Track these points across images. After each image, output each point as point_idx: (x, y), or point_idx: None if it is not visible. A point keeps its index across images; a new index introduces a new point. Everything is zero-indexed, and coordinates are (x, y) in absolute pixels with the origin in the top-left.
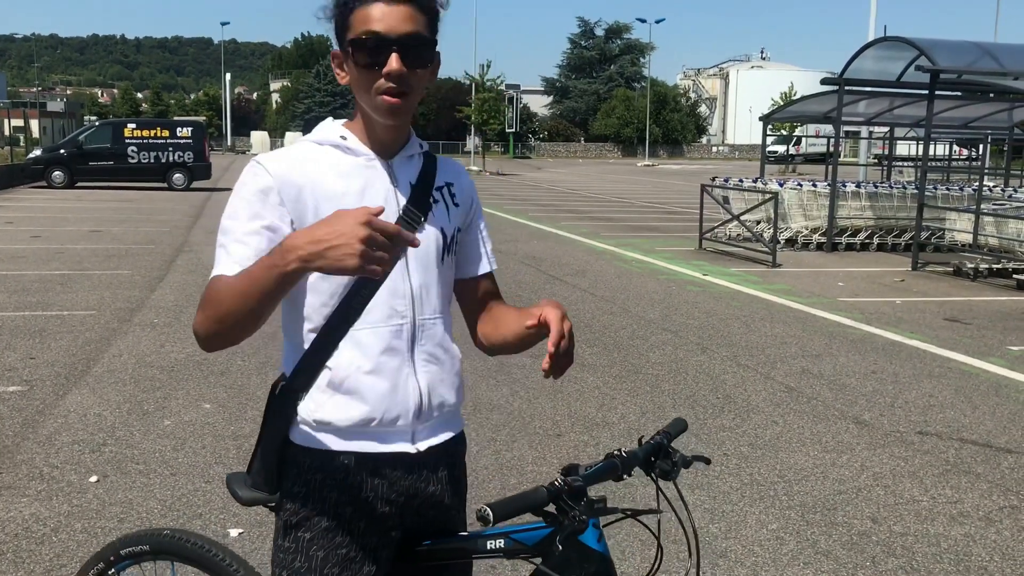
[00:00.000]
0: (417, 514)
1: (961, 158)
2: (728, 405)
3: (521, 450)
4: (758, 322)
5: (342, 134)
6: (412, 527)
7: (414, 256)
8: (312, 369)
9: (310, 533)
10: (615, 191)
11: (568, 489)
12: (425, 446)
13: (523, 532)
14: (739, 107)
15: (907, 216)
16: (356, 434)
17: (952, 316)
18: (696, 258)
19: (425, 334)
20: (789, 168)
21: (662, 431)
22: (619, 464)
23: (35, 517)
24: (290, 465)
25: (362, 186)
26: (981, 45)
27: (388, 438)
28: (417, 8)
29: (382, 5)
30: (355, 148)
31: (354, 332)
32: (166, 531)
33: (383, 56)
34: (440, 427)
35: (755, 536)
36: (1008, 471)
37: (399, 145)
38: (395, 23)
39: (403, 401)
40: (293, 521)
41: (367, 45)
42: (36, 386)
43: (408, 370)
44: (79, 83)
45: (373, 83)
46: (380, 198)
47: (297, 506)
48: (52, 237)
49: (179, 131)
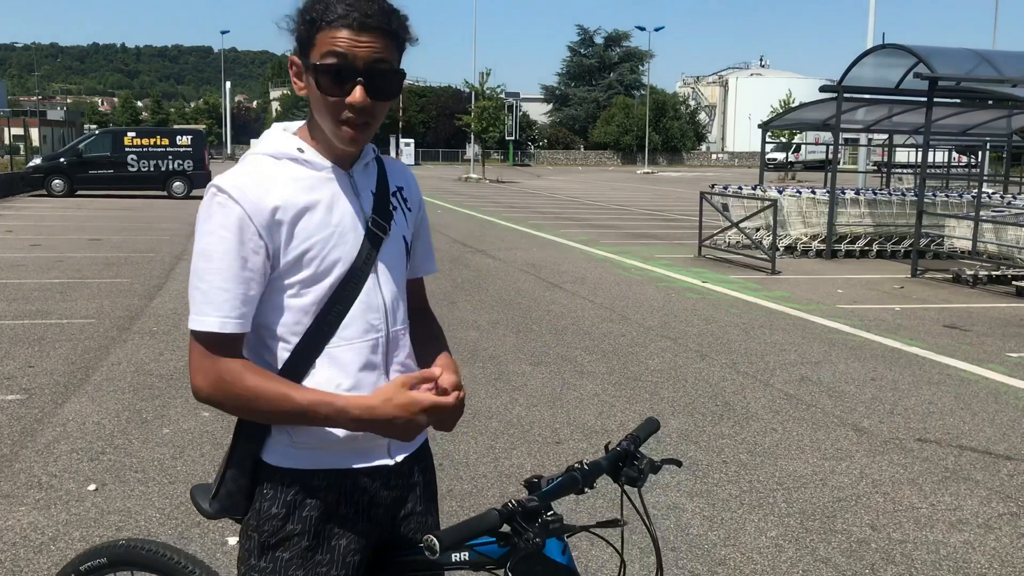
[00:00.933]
0: (392, 523)
1: (960, 165)
2: (727, 412)
3: (520, 458)
4: (757, 329)
5: (298, 146)
6: (386, 536)
7: (384, 268)
8: None
9: (289, 553)
10: (615, 198)
11: (522, 511)
12: (401, 457)
13: (487, 545)
14: (738, 114)
15: (906, 223)
16: (336, 451)
17: (951, 323)
18: (695, 265)
19: (398, 345)
20: (788, 175)
21: (630, 435)
22: (580, 478)
23: (33, 526)
24: (265, 486)
25: (329, 199)
26: (979, 52)
27: (367, 454)
28: (386, 36)
29: (349, 32)
30: (314, 161)
31: (330, 349)
32: (121, 541)
33: (347, 85)
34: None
35: (754, 544)
36: (1007, 478)
37: (356, 154)
38: (363, 52)
39: None
40: (272, 541)
41: (331, 71)
42: (35, 394)
43: (384, 383)
44: (79, 92)
45: (335, 110)
46: (347, 211)
47: (275, 527)
48: (52, 246)
49: (179, 139)
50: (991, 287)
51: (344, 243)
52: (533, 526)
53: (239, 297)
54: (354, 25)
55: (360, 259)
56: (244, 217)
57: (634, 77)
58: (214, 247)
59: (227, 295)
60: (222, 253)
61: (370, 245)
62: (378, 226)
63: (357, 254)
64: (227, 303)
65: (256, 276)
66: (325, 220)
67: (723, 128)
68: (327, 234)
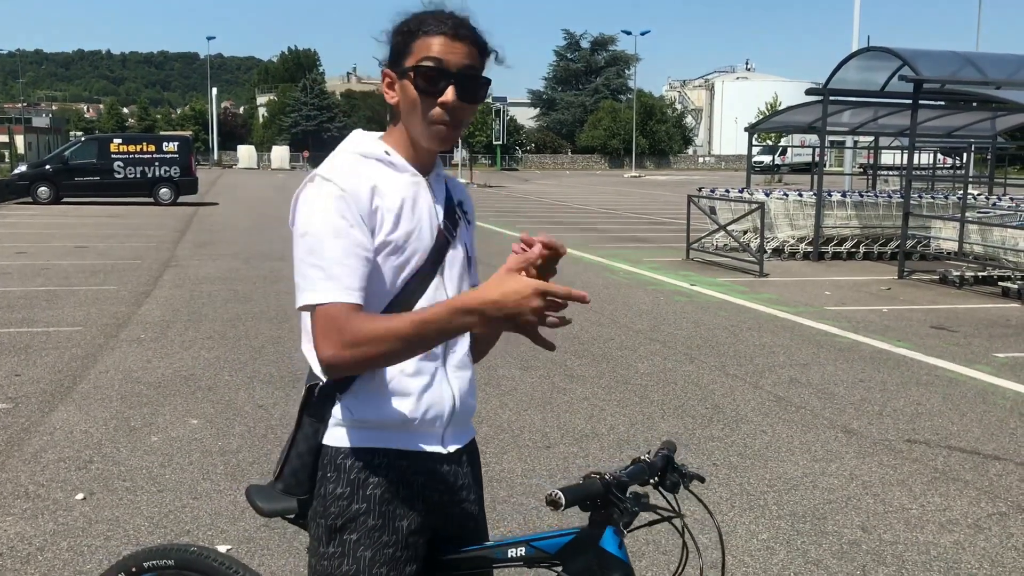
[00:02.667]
0: (444, 513)
1: (945, 167)
2: (717, 415)
3: (511, 462)
4: (746, 332)
5: (385, 149)
6: (438, 526)
7: (450, 268)
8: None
9: (356, 534)
10: (602, 202)
11: (615, 482)
12: (453, 448)
13: (544, 540)
14: (725, 118)
15: (893, 225)
16: (395, 432)
17: (939, 324)
18: (683, 268)
19: (457, 343)
20: (775, 178)
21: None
22: (647, 470)
23: (20, 536)
24: (328, 468)
25: (412, 200)
26: (963, 55)
27: (422, 438)
28: (476, 47)
29: (445, 39)
30: (399, 164)
31: None
32: (193, 547)
33: (441, 86)
34: (464, 431)
35: (745, 546)
36: (996, 478)
37: (432, 164)
38: (456, 57)
39: (439, 404)
40: (338, 524)
41: (428, 73)
42: (21, 403)
43: (442, 375)
44: (64, 98)
45: (427, 110)
46: (424, 212)
47: (341, 507)
48: (38, 253)
49: (165, 146)
50: (977, 288)
51: (422, 239)
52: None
53: (358, 271)
54: (448, 33)
55: (432, 257)
56: (347, 199)
57: (621, 81)
58: (326, 228)
59: (347, 269)
60: (335, 232)
61: (441, 246)
62: (448, 229)
63: (430, 252)
64: (347, 276)
65: (369, 253)
66: (409, 216)
67: (710, 131)
68: (410, 229)
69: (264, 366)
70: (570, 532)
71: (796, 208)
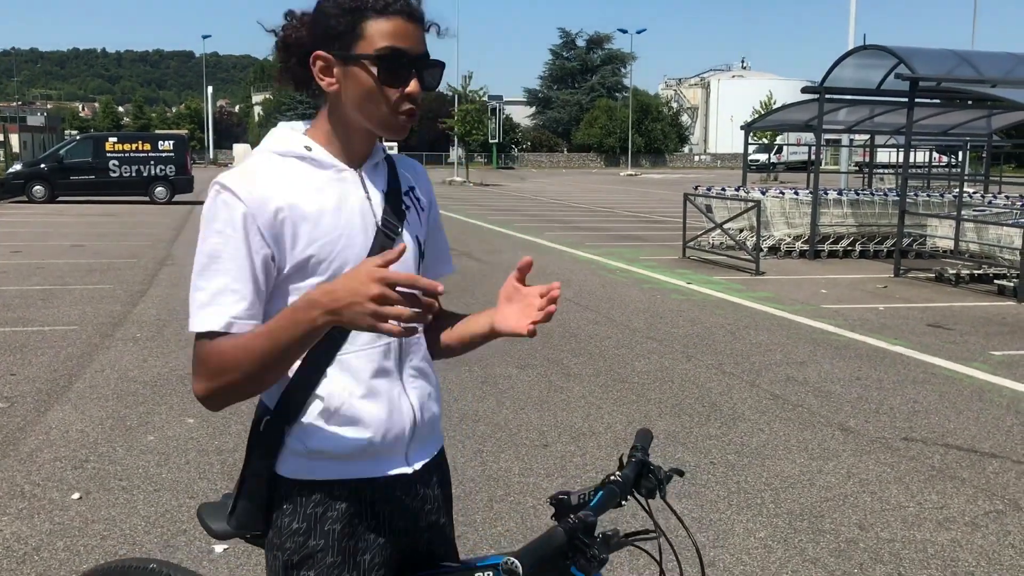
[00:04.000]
0: (413, 536)
1: (940, 165)
2: (714, 413)
3: (508, 461)
4: (742, 330)
5: (305, 144)
6: (408, 548)
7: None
8: (300, 399)
9: (314, 571)
10: (598, 201)
11: (582, 526)
12: (420, 464)
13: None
14: (720, 116)
15: (889, 223)
16: (354, 461)
17: (935, 322)
18: (680, 267)
19: (412, 349)
20: (771, 176)
21: (636, 447)
22: (618, 491)
23: (16, 536)
24: (285, 501)
25: (336, 201)
26: (959, 53)
27: (386, 462)
28: (423, 26)
29: (401, 21)
30: (322, 160)
31: (341, 357)
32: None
33: (404, 75)
34: (429, 443)
35: (743, 544)
36: (993, 476)
37: (367, 153)
38: (416, 44)
39: (399, 421)
40: (294, 560)
41: (391, 61)
42: (17, 403)
43: (399, 389)
44: (59, 97)
45: (389, 100)
46: (355, 211)
47: (297, 543)
48: (33, 252)
49: (161, 144)
50: (973, 286)
51: (352, 245)
52: (595, 542)
53: (248, 297)
54: (404, 15)
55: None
56: (245, 212)
57: (616, 79)
58: (221, 246)
59: (235, 296)
60: (230, 252)
61: (380, 247)
62: (389, 227)
63: (368, 254)
64: (236, 304)
65: (262, 276)
66: (333, 222)
67: (705, 130)
68: (335, 236)
69: None
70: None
71: (792, 206)
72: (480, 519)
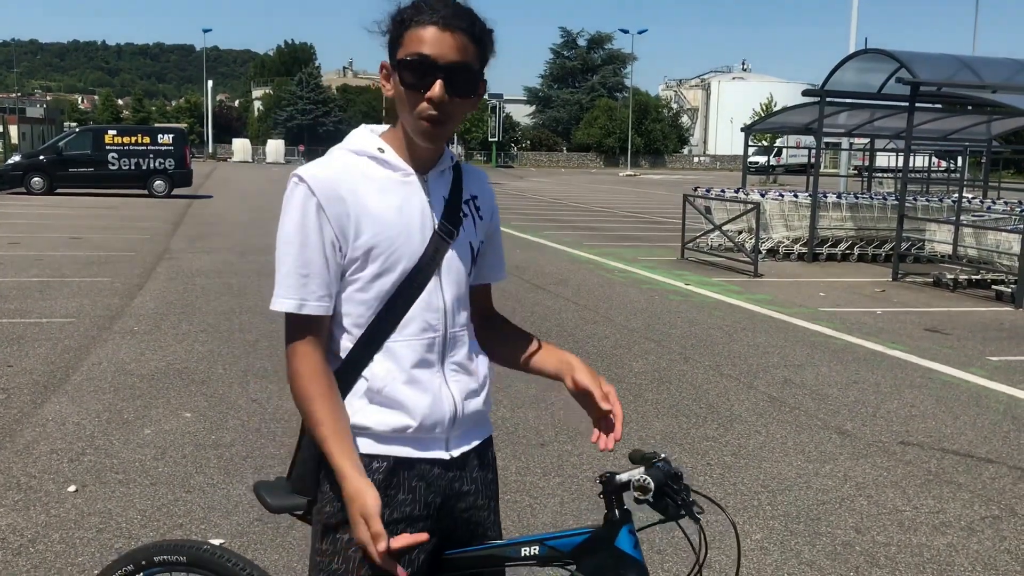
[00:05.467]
0: (450, 516)
1: (939, 170)
2: (711, 415)
3: (505, 460)
4: (740, 332)
5: (379, 146)
6: (447, 530)
7: (447, 271)
8: (349, 378)
9: (348, 535)
10: (597, 200)
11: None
12: (459, 452)
13: (558, 539)
14: (720, 118)
15: (887, 227)
16: (393, 439)
17: (932, 326)
18: (678, 268)
19: (456, 345)
20: (770, 179)
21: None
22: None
23: (11, 527)
24: (328, 468)
25: (399, 203)
26: (960, 58)
27: (424, 444)
28: (469, 38)
29: (435, 29)
30: (392, 162)
31: (389, 344)
32: (206, 546)
33: (428, 80)
34: (472, 432)
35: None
36: (989, 481)
37: (434, 160)
38: (445, 50)
39: (439, 410)
40: (332, 523)
41: (414, 67)
42: (13, 394)
43: (440, 380)
44: (59, 89)
45: (415, 104)
46: (416, 213)
47: (336, 508)
48: (31, 244)
49: (160, 138)
50: (971, 291)
51: (410, 243)
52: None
53: (316, 280)
54: (440, 23)
55: (424, 260)
56: (319, 205)
57: (617, 80)
58: (294, 233)
59: (305, 279)
60: (301, 239)
61: (435, 248)
62: (445, 230)
63: (422, 255)
64: (305, 286)
65: (332, 260)
66: (394, 219)
67: (705, 131)
68: (394, 233)
69: (258, 360)
70: (584, 531)
71: (791, 209)
72: None
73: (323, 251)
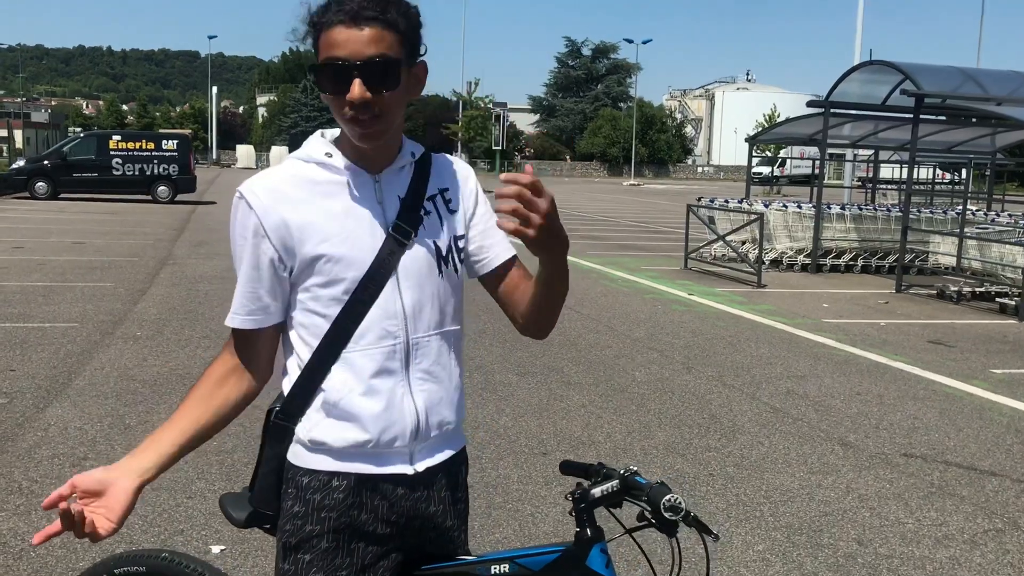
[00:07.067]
0: (417, 535)
1: (943, 182)
2: (714, 425)
3: (507, 469)
4: (743, 342)
5: (327, 151)
6: (413, 548)
7: (405, 274)
8: (306, 392)
9: (309, 555)
10: (601, 210)
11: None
12: (424, 467)
13: (528, 557)
14: (724, 128)
15: (891, 239)
16: (353, 455)
17: (936, 339)
18: (682, 278)
19: (420, 352)
20: (774, 189)
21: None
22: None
23: (13, 532)
24: (289, 485)
25: (347, 205)
26: (965, 70)
27: (385, 460)
28: (384, 27)
29: (343, 28)
30: (339, 166)
31: (346, 354)
32: (164, 553)
33: (345, 82)
34: (440, 446)
35: (741, 557)
36: (992, 494)
37: (388, 158)
38: (357, 47)
39: (399, 422)
40: (292, 542)
41: (328, 73)
42: (16, 399)
43: (403, 390)
44: (64, 94)
45: (340, 108)
46: (364, 216)
47: (296, 527)
48: (34, 248)
49: (164, 144)
50: (975, 303)
51: (359, 249)
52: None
53: (249, 296)
54: (346, 20)
55: (376, 265)
56: (255, 220)
57: (621, 89)
58: (236, 250)
59: (243, 298)
60: (242, 256)
61: (389, 251)
62: (400, 231)
63: (373, 260)
64: (242, 305)
65: (266, 278)
66: (340, 226)
67: (709, 141)
68: (341, 240)
69: None
70: (555, 549)
71: (795, 220)
72: (478, 525)
73: (257, 267)
